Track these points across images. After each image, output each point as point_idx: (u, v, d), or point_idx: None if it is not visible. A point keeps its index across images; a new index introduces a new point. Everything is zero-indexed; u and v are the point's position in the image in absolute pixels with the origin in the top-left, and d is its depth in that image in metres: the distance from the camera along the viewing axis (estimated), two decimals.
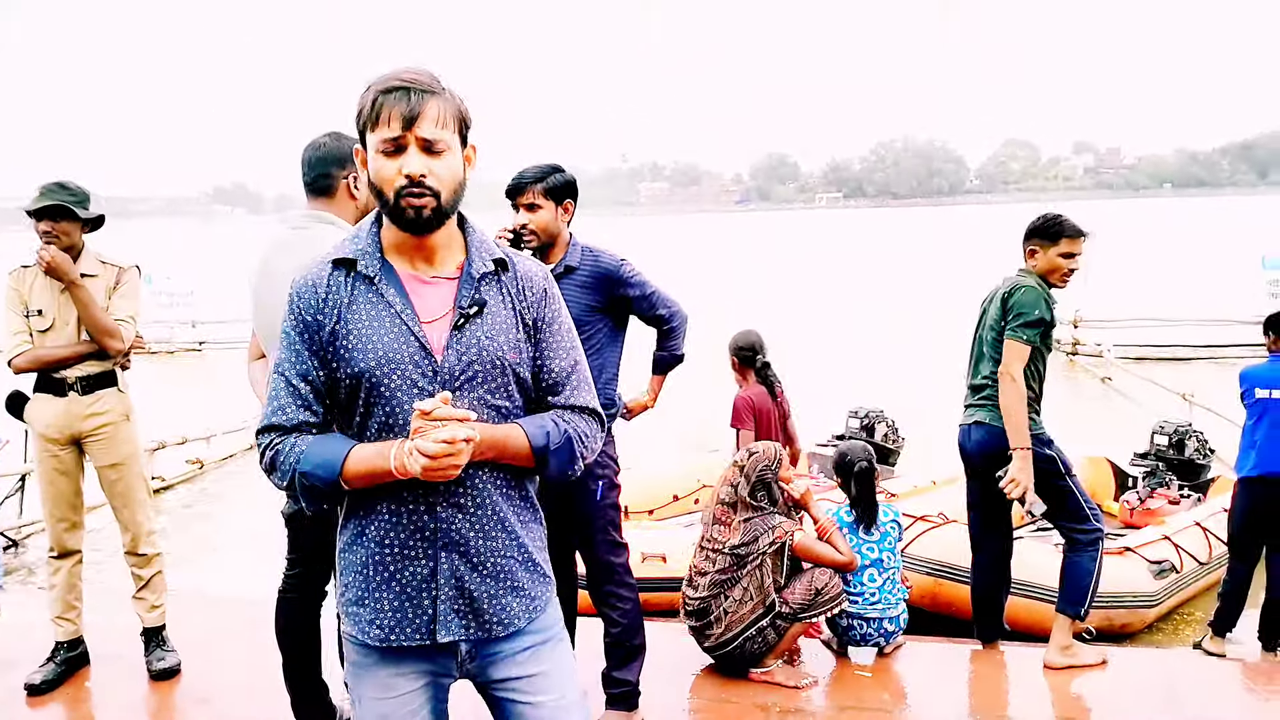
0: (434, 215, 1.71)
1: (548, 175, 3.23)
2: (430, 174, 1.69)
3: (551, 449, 1.78)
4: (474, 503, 1.77)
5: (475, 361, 1.75)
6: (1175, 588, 5.52)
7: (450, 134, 1.72)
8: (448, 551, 1.77)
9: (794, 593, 3.70)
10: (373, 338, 1.74)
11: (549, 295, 1.86)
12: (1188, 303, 16.14)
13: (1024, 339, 3.78)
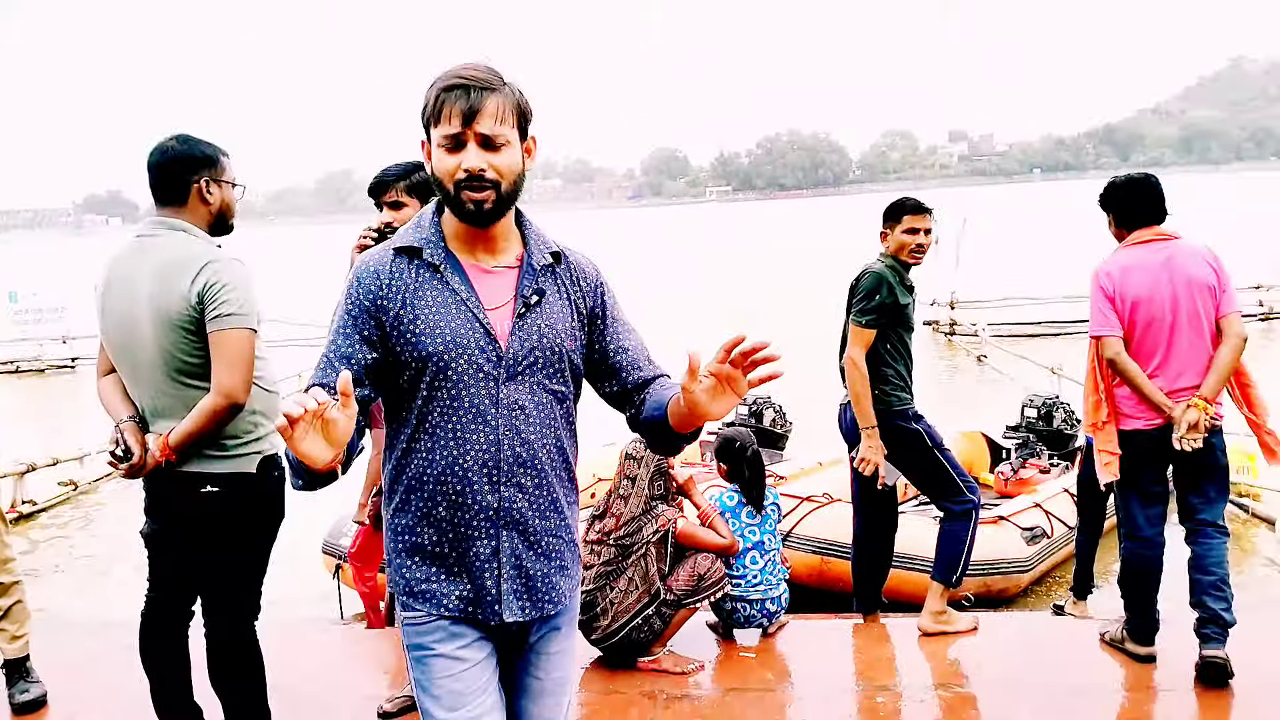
0: (494, 207, 1.77)
1: (411, 172, 3.18)
2: (489, 168, 1.74)
3: (673, 398, 1.84)
4: (534, 483, 1.84)
5: (536, 347, 1.82)
6: (1047, 552, 5.78)
7: (509, 129, 1.76)
8: (508, 531, 1.82)
9: (678, 579, 3.74)
10: (440, 323, 1.78)
11: (603, 286, 1.95)
12: (1057, 281, 16.89)
13: (862, 322, 3.93)
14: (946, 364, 14.47)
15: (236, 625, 2.91)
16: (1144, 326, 3.62)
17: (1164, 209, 3.75)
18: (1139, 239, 3.71)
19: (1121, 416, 3.70)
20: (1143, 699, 3.52)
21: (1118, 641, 3.88)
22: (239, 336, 2.69)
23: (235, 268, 2.74)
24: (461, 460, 1.79)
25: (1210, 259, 3.67)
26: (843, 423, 4.18)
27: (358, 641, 4.57)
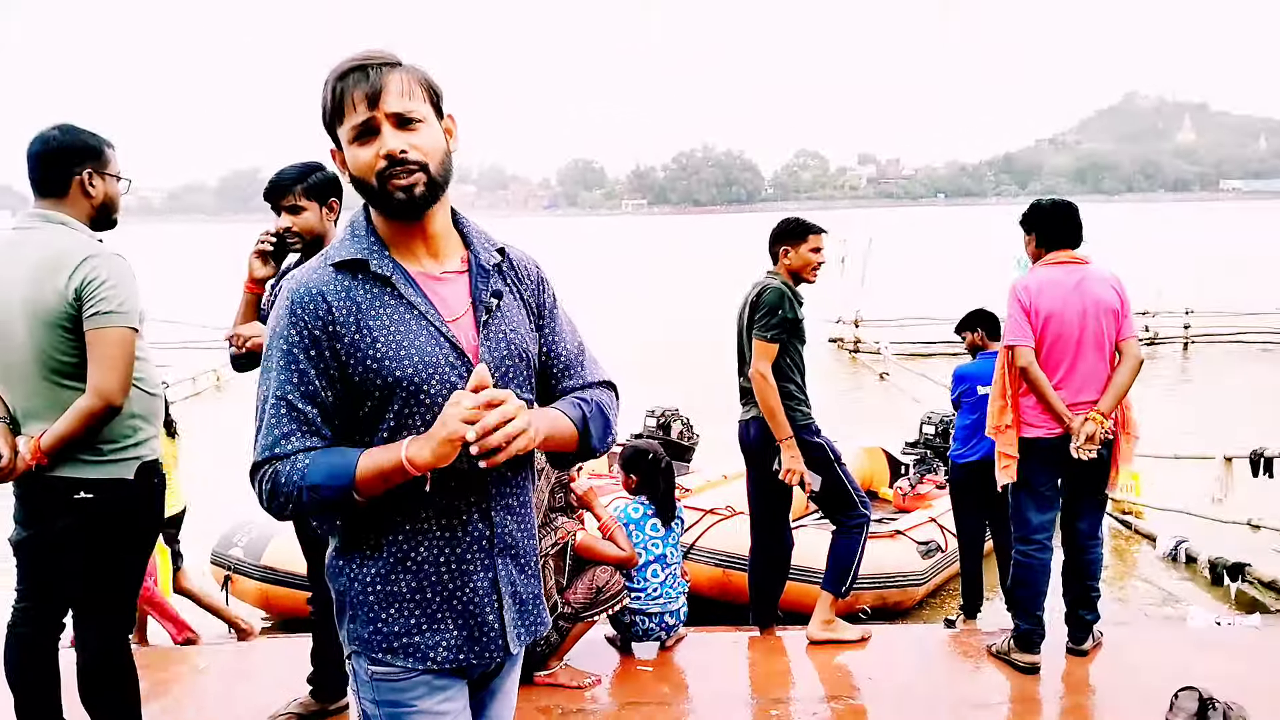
0: (427, 191, 1.58)
1: (309, 174, 3.09)
2: (411, 148, 1.56)
3: (589, 418, 1.73)
4: (519, 502, 1.72)
5: (507, 356, 1.67)
6: (941, 565, 5.93)
7: (421, 103, 1.59)
8: (504, 557, 1.69)
9: (576, 592, 3.71)
10: (403, 343, 1.58)
11: (543, 281, 1.80)
12: (957, 302, 17.48)
13: (768, 338, 3.99)
14: (850, 381, 14.79)
15: (109, 639, 2.78)
16: (1053, 341, 3.82)
17: (1080, 235, 3.98)
18: (1055, 260, 3.92)
19: (1024, 424, 3.89)
20: (1024, 711, 3.63)
21: (1003, 653, 4.00)
22: (118, 335, 2.57)
23: (116, 263, 2.62)
24: (434, 491, 1.60)
25: (1116, 285, 3.92)
26: (745, 438, 4.22)
27: (243, 654, 4.41)
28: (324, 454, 1.56)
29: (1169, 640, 4.56)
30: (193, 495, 4.46)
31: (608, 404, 1.79)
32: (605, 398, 1.80)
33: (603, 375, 1.83)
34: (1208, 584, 5.98)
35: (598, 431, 1.75)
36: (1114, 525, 7.23)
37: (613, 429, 1.79)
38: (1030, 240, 4.02)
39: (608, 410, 1.79)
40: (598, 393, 1.79)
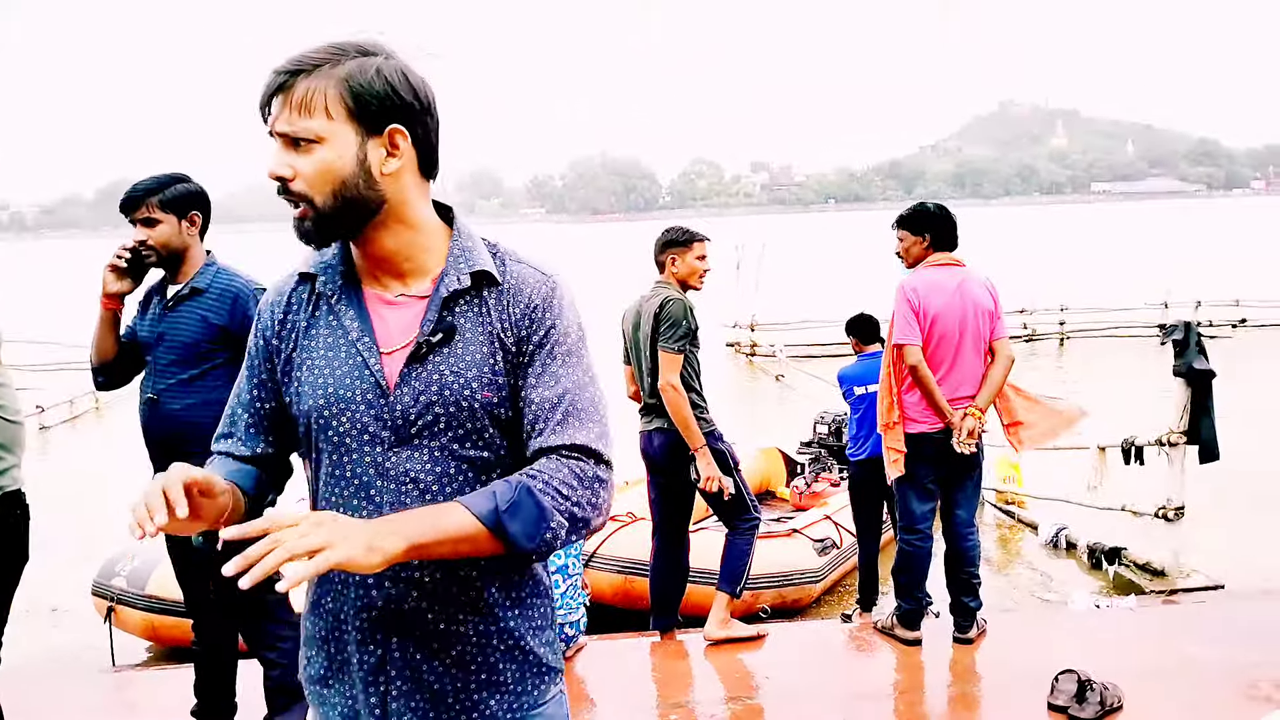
0: (315, 226, 1.37)
1: (165, 186, 2.96)
2: (296, 175, 1.35)
3: (502, 509, 1.29)
4: (433, 578, 1.39)
5: (436, 402, 1.38)
6: (837, 562, 6.06)
7: (321, 121, 1.34)
8: (400, 638, 1.41)
9: None
10: (324, 370, 1.42)
11: (541, 309, 1.43)
12: (848, 304, 17.94)
13: (675, 348, 4.02)
14: (747, 384, 15.02)
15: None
16: (937, 340, 4.01)
17: (958, 239, 4.20)
18: (938, 262, 4.11)
19: (908, 420, 4.07)
20: (914, 700, 3.74)
21: (888, 629, 4.25)
22: None
23: None
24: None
25: (990, 288, 4.15)
26: (649, 448, 4.24)
27: (128, 690, 4.22)
28: (214, 464, 1.49)
29: (1051, 624, 4.76)
30: (71, 524, 4.25)
31: (560, 481, 1.34)
32: (560, 473, 1.35)
33: (574, 437, 1.38)
34: (1088, 568, 6.27)
35: (523, 528, 1.30)
36: (998, 515, 7.53)
37: (554, 518, 1.32)
38: (919, 241, 4.17)
39: (553, 494, 1.33)
40: (551, 466, 1.36)
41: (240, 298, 2.98)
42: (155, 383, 2.98)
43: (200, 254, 3.06)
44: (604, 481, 1.39)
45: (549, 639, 1.51)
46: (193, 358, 2.95)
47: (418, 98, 1.40)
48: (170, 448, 2.98)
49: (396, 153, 1.39)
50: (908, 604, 4.17)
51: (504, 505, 1.29)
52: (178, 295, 2.99)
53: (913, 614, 4.16)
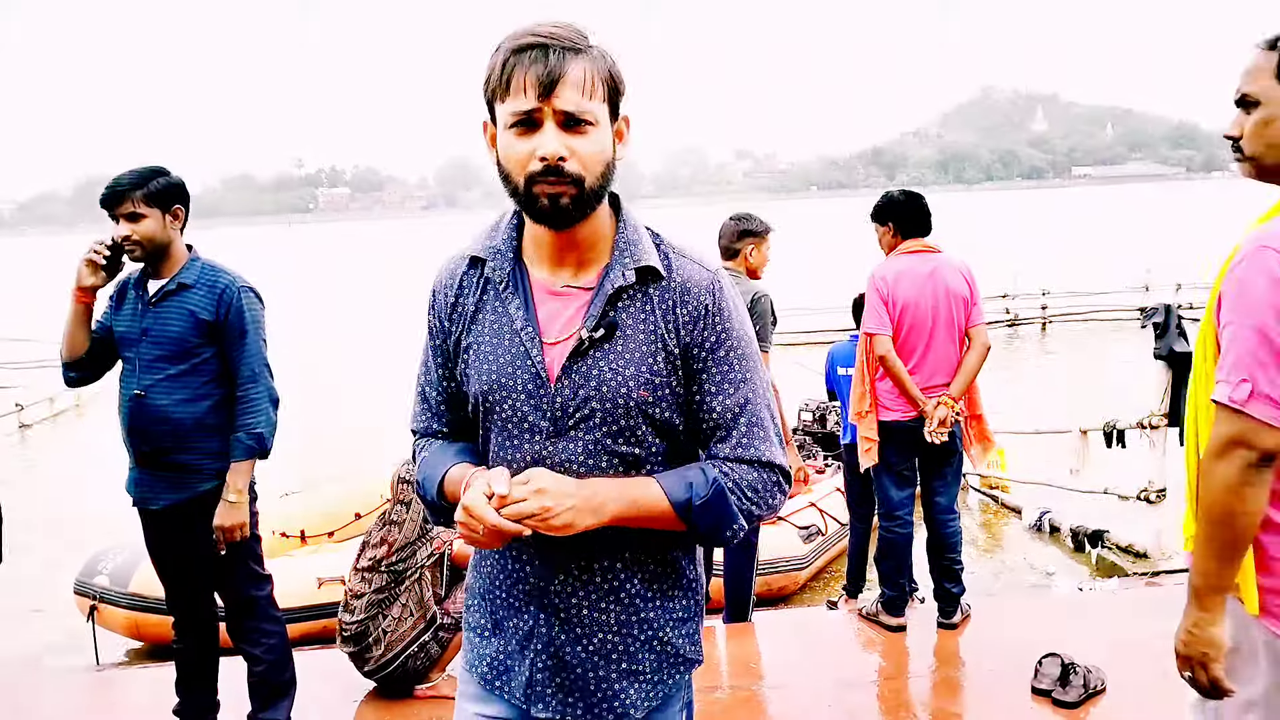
0: (573, 206, 1.38)
1: (149, 179, 2.92)
2: (572, 155, 1.36)
3: (696, 504, 1.41)
4: (578, 564, 1.47)
5: (593, 398, 1.42)
6: (822, 548, 6.09)
7: (598, 104, 1.37)
8: (547, 615, 1.49)
9: (455, 602, 3.64)
10: (490, 356, 1.47)
11: (712, 313, 1.44)
12: (832, 291, 17.95)
13: (767, 348, 3.94)
14: None
15: None
16: (909, 328, 3.99)
17: (930, 223, 4.17)
18: (910, 249, 4.09)
19: (881, 408, 4.08)
20: (899, 686, 3.75)
21: (872, 615, 4.28)
22: None
23: None
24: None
25: (966, 273, 4.10)
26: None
27: (110, 688, 4.19)
28: (435, 453, 1.57)
29: (1035, 608, 4.79)
30: (53, 522, 4.19)
31: (747, 485, 1.44)
32: (749, 477, 1.44)
33: (761, 453, 1.45)
34: (1071, 552, 6.31)
35: (709, 521, 1.42)
36: (982, 499, 7.56)
37: (738, 519, 1.44)
38: (886, 231, 4.16)
39: (740, 495, 1.43)
40: (740, 471, 1.44)
41: (227, 292, 2.96)
42: (141, 379, 2.94)
43: (183, 249, 3.03)
44: (783, 489, 1.49)
45: (689, 631, 1.56)
46: (180, 353, 2.93)
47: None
48: (156, 444, 2.95)
49: (624, 139, 1.46)
50: (891, 591, 4.19)
51: (698, 500, 1.41)
52: (163, 290, 2.96)
53: (896, 600, 4.18)
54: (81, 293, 2.95)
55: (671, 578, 1.53)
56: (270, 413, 3.00)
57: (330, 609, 4.77)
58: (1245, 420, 1.61)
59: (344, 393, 13.71)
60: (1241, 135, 1.78)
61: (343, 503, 6.69)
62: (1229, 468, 1.64)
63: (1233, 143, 1.81)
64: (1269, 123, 1.73)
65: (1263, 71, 1.73)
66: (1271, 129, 1.73)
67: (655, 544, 1.50)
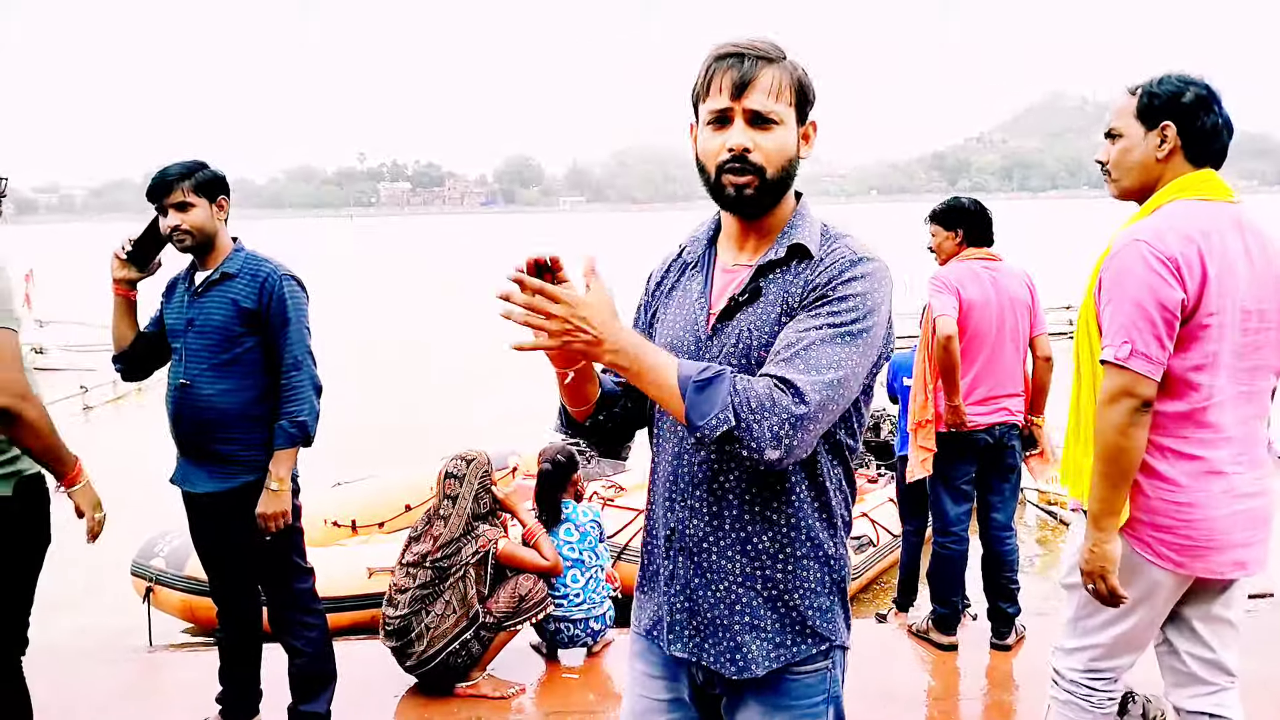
0: (756, 194, 1.57)
1: (195, 170, 2.97)
2: (756, 148, 1.56)
3: (696, 381, 1.45)
4: (713, 510, 1.62)
5: (732, 355, 1.59)
6: (873, 560, 5.97)
7: (784, 107, 1.57)
8: (684, 557, 1.65)
9: (498, 601, 3.63)
10: (671, 323, 1.70)
11: (831, 279, 1.54)
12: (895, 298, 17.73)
13: None
14: None
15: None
16: (971, 334, 3.90)
17: (993, 234, 4.08)
18: (973, 256, 4.00)
19: (941, 419, 3.95)
20: (949, 708, 3.64)
21: (923, 632, 4.17)
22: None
23: None
24: (657, 472, 1.70)
25: (1028, 282, 4.03)
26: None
27: (161, 671, 4.25)
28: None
29: None
30: (112, 503, 4.23)
31: (754, 394, 1.44)
32: (761, 391, 1.45)
33: (789, 373, 1.46)
34: None
35: (700, 405, 1.45)
36: (1040, 516, 7.37)
37: (721, 411, 1.43)
38: (951, 236, 4.06)
39: (743, 399, 1.44)
40: (758, 382, 1.46)
41: (269, 281, 2.97)
42: (187, 368, 2.97)
43: (228, 240, 3.06)
44: (796, 420, 1.44)
45: (821, 605, 1.62)
46: (224, 342, 2.95)
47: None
48: (200, 432, 2.98)
49: (810, 141, 1.65)
50: (943, 608, 4.08)
51: (700, 378, 1.46)
52: (208, 280, 2.99)
53: (949, 618, 4.08)
54: (118, 285, 3.01)
55: (805, 545, 1.61)
56: (313, 400, 3.01)
57: (379, 599, 4.79)
58: (1127, 374, 2.06)
59: (397, 386, 13.85)
60: (1108, 161, 2.29)
61: (393, 494, 6.74)
62: (1117, 413, 2.07)
63: (1101, 166, 2.31)
64: (1127, 151, 2.25)
65: (1125, 111, 2.24)
66: (1128, 157, 2.25)
67: (786, 504, 1.59)
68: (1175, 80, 2.20)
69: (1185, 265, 2.06)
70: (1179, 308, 2.06)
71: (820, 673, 1.63)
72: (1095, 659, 2.34)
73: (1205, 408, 2.12)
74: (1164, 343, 2.06)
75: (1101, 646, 2.32)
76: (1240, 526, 2.15)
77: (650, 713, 1.75)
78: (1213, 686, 2.33)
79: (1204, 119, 2.17)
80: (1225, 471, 2.14)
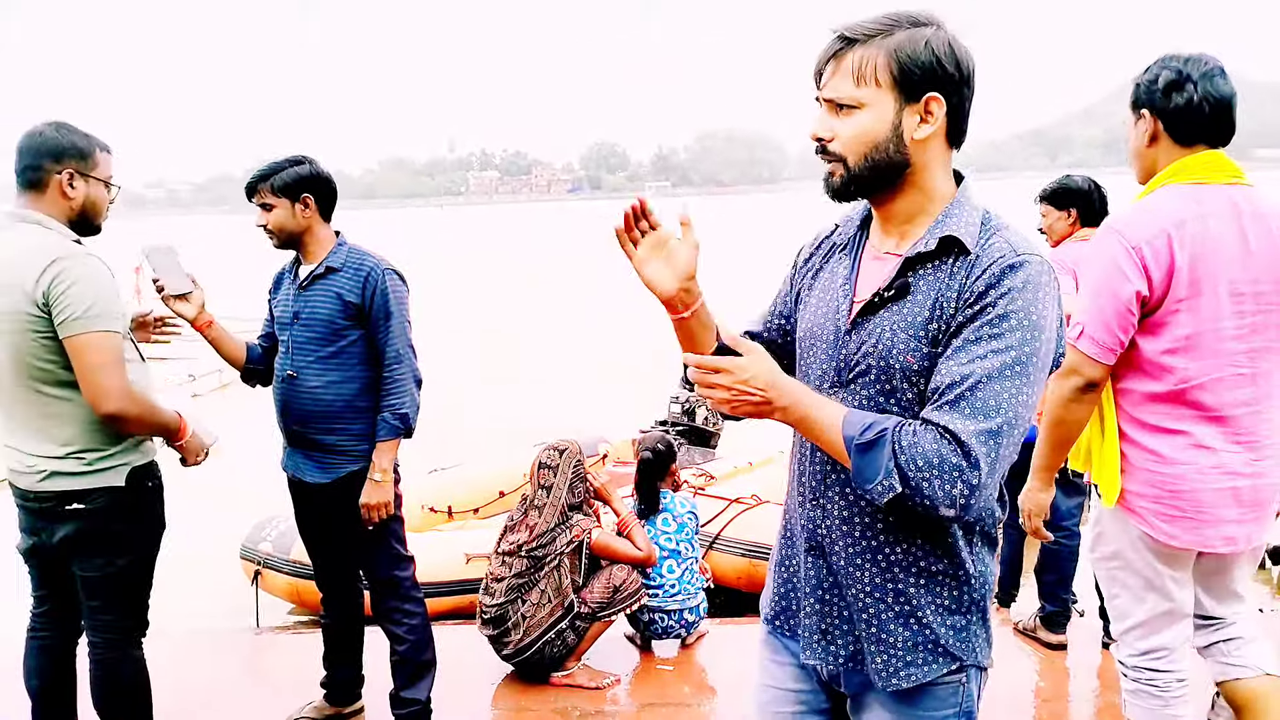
0: (842, 184, 1.50)
1: (277, 171, 3.02)
2: (835, 137, 1.49)
3: (858, 443, 1.38)
4: (841, 512, 1.54)
5: (870, 354, 1.49)
6: None
7: (870, 90, 1.45)
8: (815, 556, 1.59)
9: (593, 592, 3.63)
10: (813, 308, 1.63)
11: (990, 285, 1.41)
12: None
13: None
14: None
15: (119, 645, 2.73)
16: None
17: (1109, 212, 3.92)
18: (1088, 237, 3.84)
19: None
20: (1059, 710, 3.51)
21: (1030, 630, 4.02)
22: (89, 343, 2.45)
23: (87, 265, 2.49)
24: (797, 464, 1.64)
25: None
26: None
27: (266, 653, 4.39)
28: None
29: None
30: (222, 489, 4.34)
31: (920, 453, 1.35)
32: (927, 448, 1.35)
33: (955, 424, 1.35)
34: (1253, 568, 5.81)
35: (863, 468, 1.38)
36: None
37: (887, 477, 1.36)
38: (1065, 216, 3.93)
39: (908, 461, 1.35)
40: (926, 437, 1.36)
41: (371, 275, 3.02)
42: (294, 360, 3.05)
43: (326, 234, 3.10)
44: (964, 478, 1.34)
45: (956, 624, 1.53)
46: (329, 335, 3.01)
47: (959, 68, 1.47)
48: (306, 423, 3.05)
49: (930, 120, 1.47)
50: (1053, 605, 3.93)
51: (863, 440, 1.39)
52: (312, 274, 3.05)
53: (1058, 616, 3.93)
54: (194, 325, 3.00)
55: (942, 561, 1.51)
56: (414, 393, 3.05)
57: (476, 585, 4.86)
58: (1077, 354, 2.20)
59: (485, 373, 14.03)
60: None
61: (487, 481, 6.83)
62: (1063, 388, 2.24)
63: None
64: (1129, 141, 2.37)
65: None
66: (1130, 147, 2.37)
67: (923, 518, 1.45)
68: (1155, 65, 2.29)
69: (1152, 254, 2.15)
70: (1134, 299, 2.17)
71: (954, 686, 1.56)
72: (1140, 638, 2.40)
73: (1185, 389, 2.20)
74: (1112, 330, 2.18)
75: (1140, 624, 2.38)
76: (1230, 503, 2.22)
77: (777, 702, 1.72)
78: (1217, 623, 2.50)
79: (1175, 99, 2.23)
80: (1213, 447, 2.21)
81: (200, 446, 2.81)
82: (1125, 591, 2.38)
